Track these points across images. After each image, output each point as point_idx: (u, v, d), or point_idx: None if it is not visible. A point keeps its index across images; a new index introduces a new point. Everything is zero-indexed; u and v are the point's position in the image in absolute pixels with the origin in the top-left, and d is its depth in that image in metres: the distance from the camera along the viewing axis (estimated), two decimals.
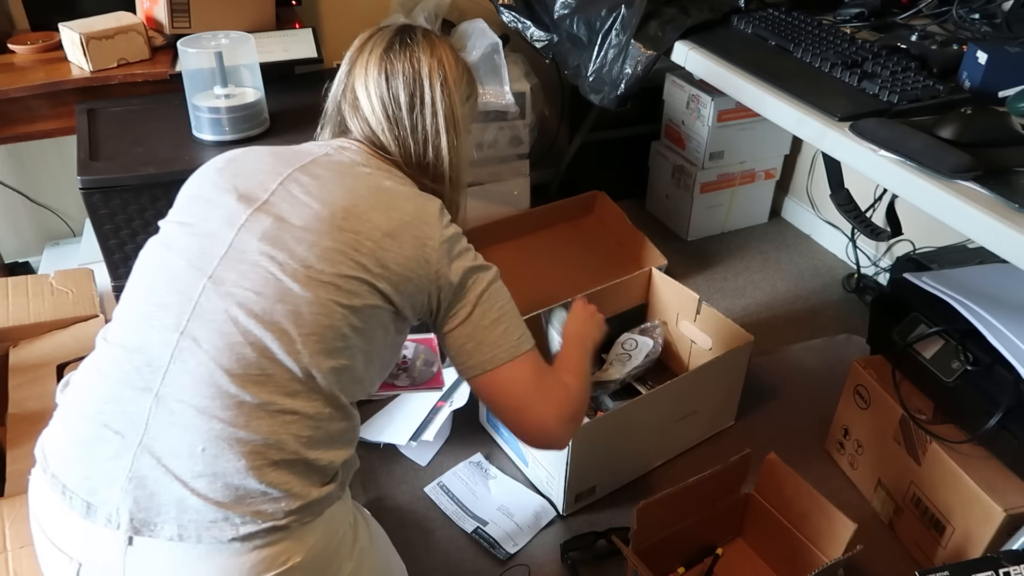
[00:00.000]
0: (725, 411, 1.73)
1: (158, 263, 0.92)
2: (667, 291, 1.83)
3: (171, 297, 0.87)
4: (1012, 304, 1.33)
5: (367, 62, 1.04)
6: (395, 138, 1.03)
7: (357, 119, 1.05)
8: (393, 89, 1.03)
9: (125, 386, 0.84)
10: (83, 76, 1.62)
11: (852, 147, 1.14)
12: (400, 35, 1.06)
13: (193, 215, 0.94)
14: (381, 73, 1.03)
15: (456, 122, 1.06)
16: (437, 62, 1.04)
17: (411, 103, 1.03)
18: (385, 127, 1.03)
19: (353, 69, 1.06)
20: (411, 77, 1.03)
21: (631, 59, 1.60)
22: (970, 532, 1.31)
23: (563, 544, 1.46)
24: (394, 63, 1.03)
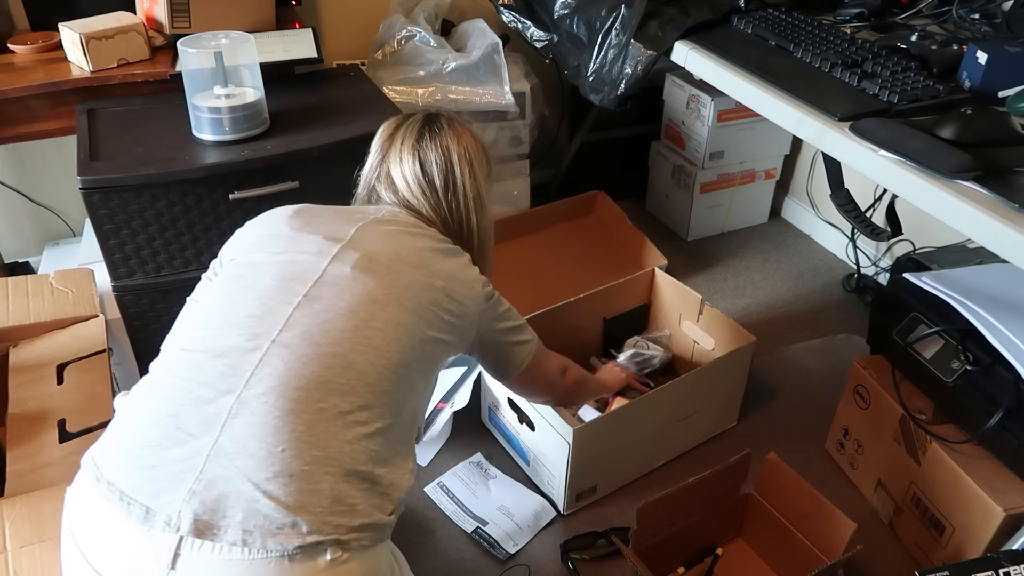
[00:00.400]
0: (727, 412, 1.73)
1: (242, 284, 0.96)
2: (670, 291, 1.83)
3: (262, 310, 0.92)
4: (1012, 304, 1.33)
5: (400, 151, 1.15)
6: (434, 210, 1.14)
7: (396, 197, 1.15)
8: (428, 175, 1.14)
9: (205, 388, 0.85)
10: (83, 76, 1.62)
11: (852, 147, 1.14)
12: (429, 125, 1.17)
13: (276, 248, 1.00)
14: (415, 162, 1.14)
15: (482, 201, 1.18)
16: (464, 150, 1.16)
17: (445, 186, 1.14)
18: (424, 203, 1.14)
19: (387, 157, 1.16)
20: (443, 165, 1.14)
21: (631, 59, 1.60)
22: (970, 532, 1.31)
23: (563, 544, 1.46)
24: (427, 152, 1.14)
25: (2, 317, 1.46)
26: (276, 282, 0.94)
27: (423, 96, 1.90)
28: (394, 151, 1.16)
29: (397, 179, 1.15)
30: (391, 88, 1.88)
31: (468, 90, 1.94)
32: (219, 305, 0.95)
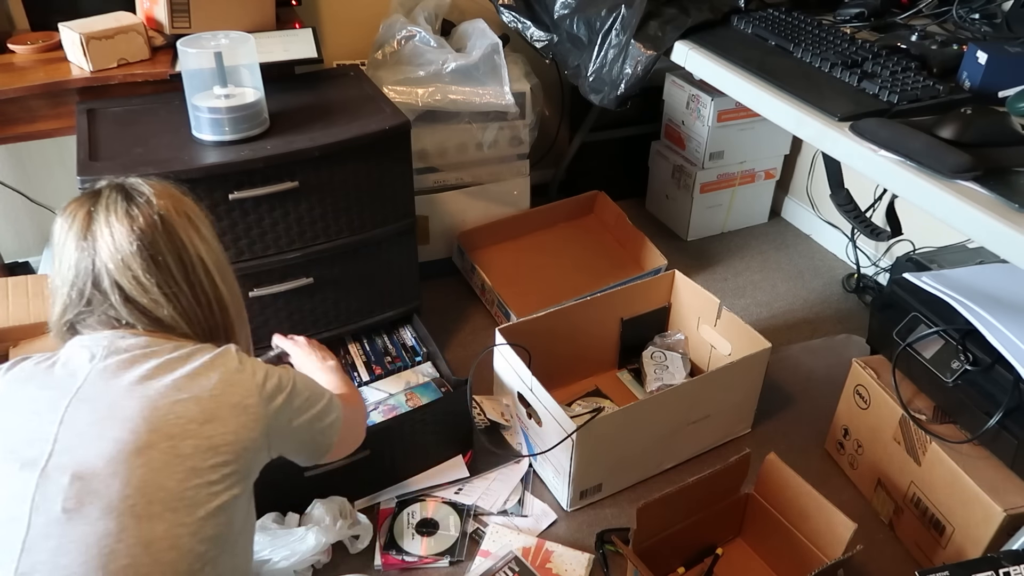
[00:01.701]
0: (741, 417, 1.73)
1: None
2: (689, 294, 1.83)
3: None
4: (1012, 304, 1.33)
5: (113, 242, 0.89)
6: (180, 314, 0.93)
7: (126, 307, 0.90)
8: (160, 262, 0.90)
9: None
10: (83, 76, 1.62)
11: (852, 147, 1.14)
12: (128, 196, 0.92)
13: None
14: (140, 252, 0.89)
15: (222, 264, 0.98)
16: (178, 211, 0.94)
17: (183, 269, 0.93)
18: (164, 304, 0.91)
19: (97, 256, 0.88)
20: (170, 242, 0.91)
21: (631, 59, 1.60)
22: (970, 532, 1.31)
23: (600, 532, 1.47)
24: (145, 232, 0.90)
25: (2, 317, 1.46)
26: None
27: (423, 96, 1.90)
28: (105, 245, 0.88)
29: (123, 282, 0.88)
30: (391, 88, 1.88)
31: (468, 90, 1.94)
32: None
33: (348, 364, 1.80)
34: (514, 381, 1.60)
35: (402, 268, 1.78)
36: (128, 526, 0.77)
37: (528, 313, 1.75)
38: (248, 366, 0.92)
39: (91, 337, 0.90)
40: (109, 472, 0.78)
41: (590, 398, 1.81)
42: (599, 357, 1.87)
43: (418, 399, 1.68)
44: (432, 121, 1.98)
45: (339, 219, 1.62)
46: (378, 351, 1.84)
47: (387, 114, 1.63)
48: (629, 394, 1.83)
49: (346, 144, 1.54)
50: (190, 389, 0.85)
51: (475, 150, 2.09)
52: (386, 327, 1.90)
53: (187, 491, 0.80)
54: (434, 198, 2.11)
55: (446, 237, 2.19)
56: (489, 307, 2.11)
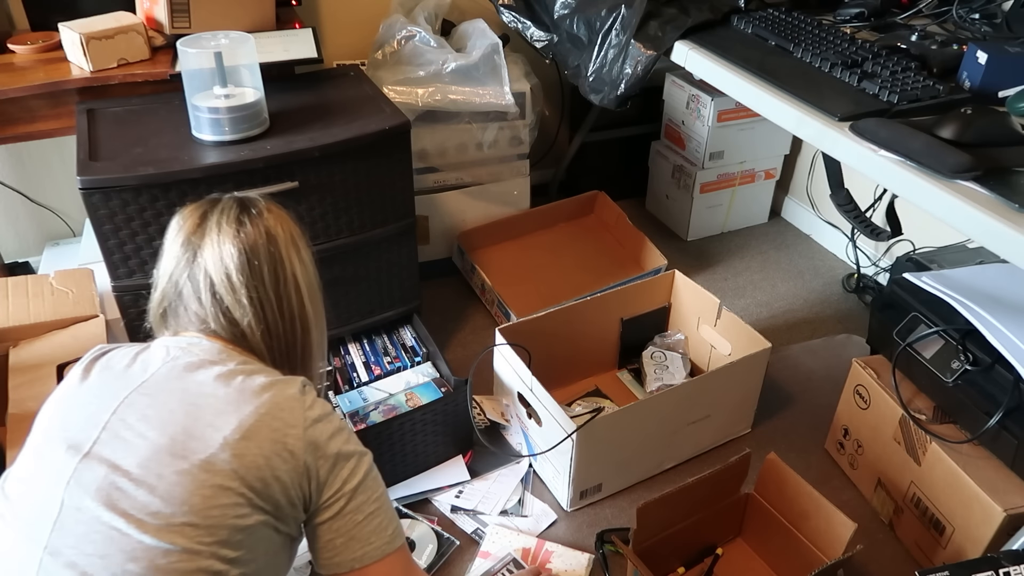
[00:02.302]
0: (741, 417, 1.73)
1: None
2: (689, 294, 1.83)
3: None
4: (1012, 304, 1.33)
5: (218, 241, 0.94)
6: (260, 322, 0.95)
7: (204, 309, 0.94)
8: (256, 267, 0.94)
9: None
10: (83, 76, 1.62)
11: (852, 147, 1.14)
12: (245, 208, 0.98)
13: (25, 471, 0.85)
14: (239, 252, 0.94)
15: (315, 293, 1.02)
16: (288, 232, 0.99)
17: (275, 280, 0.96)
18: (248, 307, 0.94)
19: (200, 252, 0.94)
20: (268, 253, 0.95)
21: (631, 59, 1.60)
22: (970, 532, 1.31)
23: (600, 532, 1.47)
24: (249, 239, 0.95)
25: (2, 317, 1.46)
26: (15, 533, 0.80)
27: (423, 96, 1.90)
28: (210, 242, 0.94)
29: (216, 276, 0.93)
30: (391, 88, 1.88)
31: (468, 90, 1.94)
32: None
33: (348, 364, 1.80)
34: (514, 381, 1.60)
35: (402, 268, 1.78)
36: (148, 535, 0.77)
37: (528, 313, 1.75)
38: (308, 398, 0.89)
39: (175, 338, 0.94)
40: (139, 475, 0.80)
41: (590, 398, 1.81)
42: (599, 357, 1.87)
43: (418, 399, 1.68)
44: (432, 121, 1.98)
45: (339, 219, 1.62)
46: (378, 351, 1.84)
47: (387, 114, 1.63)
48: (629, 394, 1.83)
49: (346, 144, 1.54)
50: (237, 404, 0.85)
51: (475, 150, 2.09)
52: (386, 327, 1.90)
53: (211, 509, 0.80)
54: (434, 198, 2.11)
55: (446, 237, 2.19)
56: (489, 307, 2.11)
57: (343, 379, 1.75)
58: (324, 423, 0.89)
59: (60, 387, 0.93)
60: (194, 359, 0.90)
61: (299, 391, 0.89)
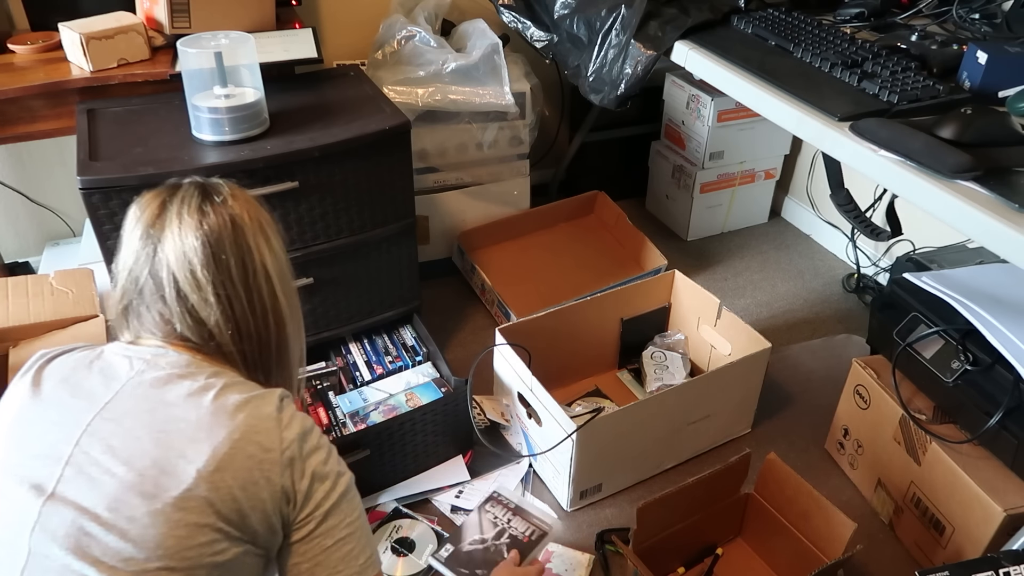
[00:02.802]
0: (741, 417, 1.73)
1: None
2: (688, 294, 1.83)
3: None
4: (1012, 304, 1.33)
5: (179, 233, 0.86)
6: (229, 320, 0.88)
7: (177, 303, 0.87)
8: (221, 260, 0.87)
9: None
10: (83, 76, 1.62)
11: (852, 147, 1.14)
12: (206, 194, 0.90)
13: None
14: (203, 245, 0.86)
15: (288, 282, 0.94)
16: (253, 217, 0.91)
17: (244, 273, 0.88)
18: (215, 307, 0.87)
19: (161, 245, 0.86)
20: (236, 242, 0.88)
21: (631, 59, 1.60)
22: (970, 532, 1.31)
23: (601, 532, 1.47)
24: (213, 228, 0.87)
25: (2, 317, 1.46)
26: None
27: (423, 96, 1.90)
28: (170, 235, 0.86)
29: (179, 273, 0.85)
30: (391, 88, 1.88)
31: (468, 90, 1.94)
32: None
33: (351, 364, 1.80)
34: (514, 381, 1.60)
35: (402, 268, 1.78)
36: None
37: (528, 313, 1.75)
38: (286, 414, 0.84)
39: (136, 346, 0.88)
40: (109, 519, 0.75)
41: (590, 398, 1.81)
42: (599, 357, 1.87)
43: (418, 399, 1.68)
44: (432, 121, 1.98)
45: (339, 219, 1.62)
46: (379, 351, 1.84)
47: (387, 114, 1.63)
48: (629, 394, 1.83)
49: (346, 144, 1.54)
50: (210, 430, 0.79)
51: (475, 150, 2.09)
52: (386, 327, 1.90)
53: (187, 551, 0.75)
54: (434, 198, 2.11)
55: (446, 237, 2.19)
56: (489, 307, 2.11)
57: (346, 378, 1.75)
58: (301, 442, 0.83)
59: (7, 401, 0.86)
60: (161, 373, 0.83)
61: (275, 408, 0.83)
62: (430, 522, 1.50)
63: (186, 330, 0.87)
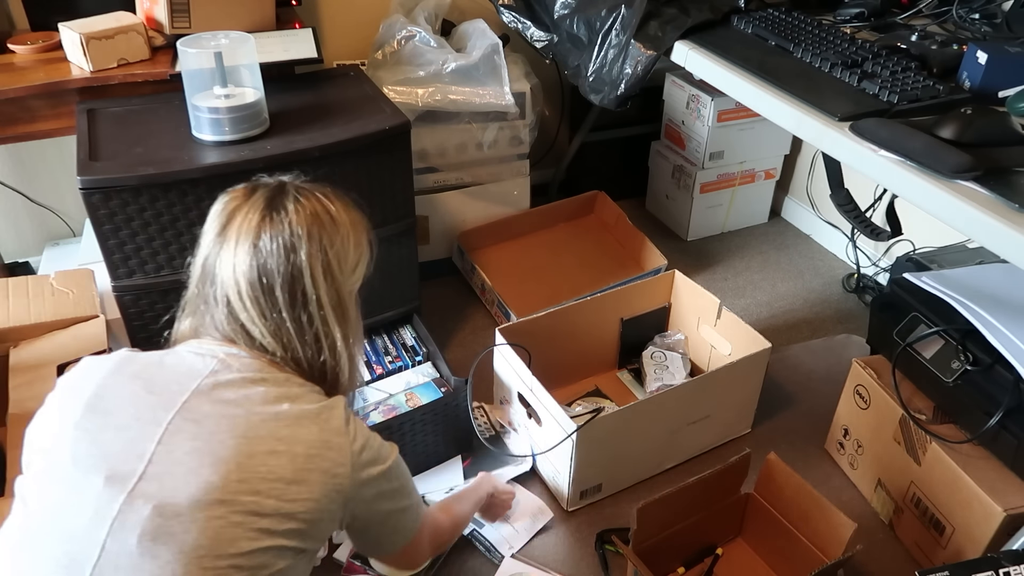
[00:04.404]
0: (741, 418, 1.72)
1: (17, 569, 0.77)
2: (688, 294, 1.83)
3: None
4: (1012, 304, 1.33)
5: (236, 247, 0.87)
6: (279, 343, 0.89)
7: (228, 320, 0.89)
8: (267, 286, 0.87)
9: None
10: (83, 76, 1.62)
11: (852, 147, 1.14)
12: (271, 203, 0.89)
13: (53, 495, 0.78)
14: (253, 269, 0.86)
15: (344, 307, 0.93)
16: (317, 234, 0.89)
17: (292, 302, 0.88)
18: (265, 331, 0.88)
19: (221, 253, 0.88)
20: (285, 266, 0.87)
21: (631, 59, 1.60)
22: (970, 532, 1.31)
23: (600, 532, 1.48)
24: (266, 247, 0.86)
25: (2, 317, 1.46)
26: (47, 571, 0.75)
27: (423, 96, 1.90)
28: (228, 249, 0.87)
29: (231, 292, 0.87)
30: (391, 88, 1.88)
31: (468, 90, 1.94)
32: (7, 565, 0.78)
33: None
34: (514, 381, 1.60)
35: (402, 268, 1.78)
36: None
37: (528, 313, 1.75)
38: (352, 429, 0.88)
39: (207, 345, 0.89)
40: (189, 516, 0.76)
41: (590, 398, 1.81)
42: (599, 357, 1.87)
43: (418, 399, 1.68)
44: (432, 121, 1.98)
45: None
46: (379, 351, 1.84)
47: (387, 114, 1.63)
48: (629, 394, 1.83)
49: (346, 144, 1.54)
50: (288, 441, 0.82)
51: (475, 150, 2.09)
52: (386, 327, 1.90)
53: (256, 552, 0.78)
54: (434, 198, 2.11)
55: (446, 237, 2.19)
56: (489, 307, 2.11)
57: None
58: (367, 453, 0.90)
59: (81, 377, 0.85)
60: (233, 376, 0.85)
61: (344, 422, 0.88)
62: None
63: (242, 341, 0.89)
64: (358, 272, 0.98)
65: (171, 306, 0.96)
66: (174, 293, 1.52)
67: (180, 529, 0.76)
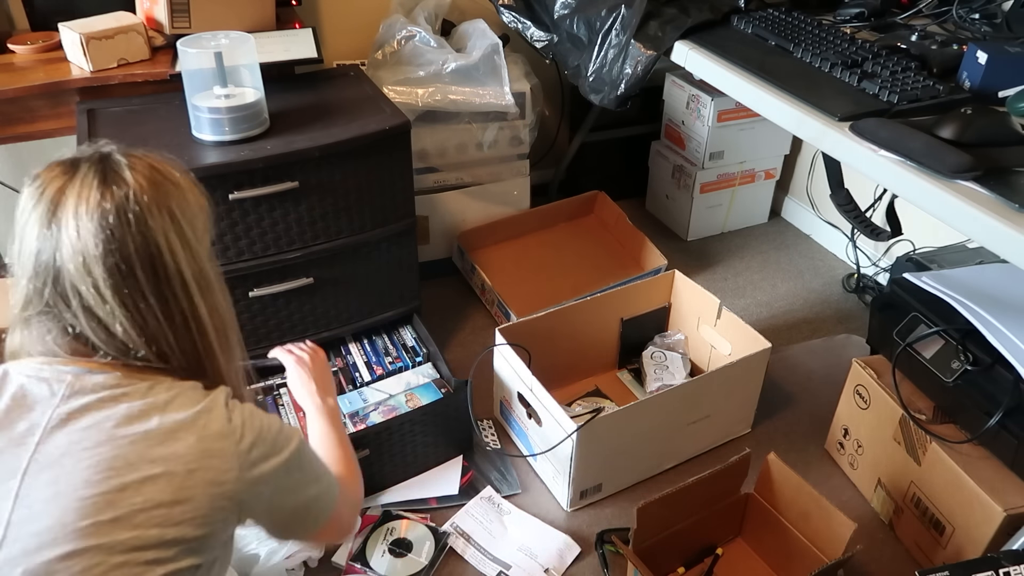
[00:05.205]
0: (741, 418, 1.73)
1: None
2: (688, 294, 1.84)
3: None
4: (1012, 304, 1.33)
5: (77, 228, 0.74)
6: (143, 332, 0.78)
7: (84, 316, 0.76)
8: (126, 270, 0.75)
9: None
10: (83, 76, 1.62)
11: (852, 147, 1.14)
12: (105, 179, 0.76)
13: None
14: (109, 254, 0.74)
15: (206, 276, 0.82)
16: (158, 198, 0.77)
17: (155, 279, 0.77)
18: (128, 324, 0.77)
19: (61, 244, 0.74)
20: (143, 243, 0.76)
21: (631, 59, 1.60)
22: (970, 532, 1.31)
23: (601, 532, 1.47)
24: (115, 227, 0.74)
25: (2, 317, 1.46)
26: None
27: (423, 96, 1.90)
28: (67, 235, 0.74)
29: (81, 285, 0.75)
30: (391, 88, 1.88)
31: (468, 90, 1.94)
32: None
33: (350, 364, 1.80)
34: (514, 381, 1.60)
35: (402, 268, 1.78)
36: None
37: (528, 313, 1.75)
38: (236, 426, 0.79)
39: (50, 367, 0.77)
40: (65, 573, 0.68)
41: (590, 398, 1.81)
42: (599, 357, 1.87)
43: (418, 400, 1.68)
44: (432, 121, 1.98)
45: (339, 219, 1.62)
46: (379, 351, 1.84)
47: (387, 114, 1.63)
48: (629, 394, 1.83)
49: (346, 144, 1.54)
50: (163, 461, 0.73)
51: (475, 150, 2.09)
52: (386, 327, 1.90)
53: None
54: (434, 198, 2.11)
55: (446, 237, 2.19)
56: (489, 307, 2.11)
57: (346, 379, 1.75)
58: (258, 449, 0.80)
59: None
60: (89, 399, 0.74)
61: (226, 419, 0.78)
62: (423, 520, 1.50)
63: (100, 344, 0.77)
64: (207, 234, 0.85)
65: None
66: None
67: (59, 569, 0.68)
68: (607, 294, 1.79)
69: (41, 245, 0.75)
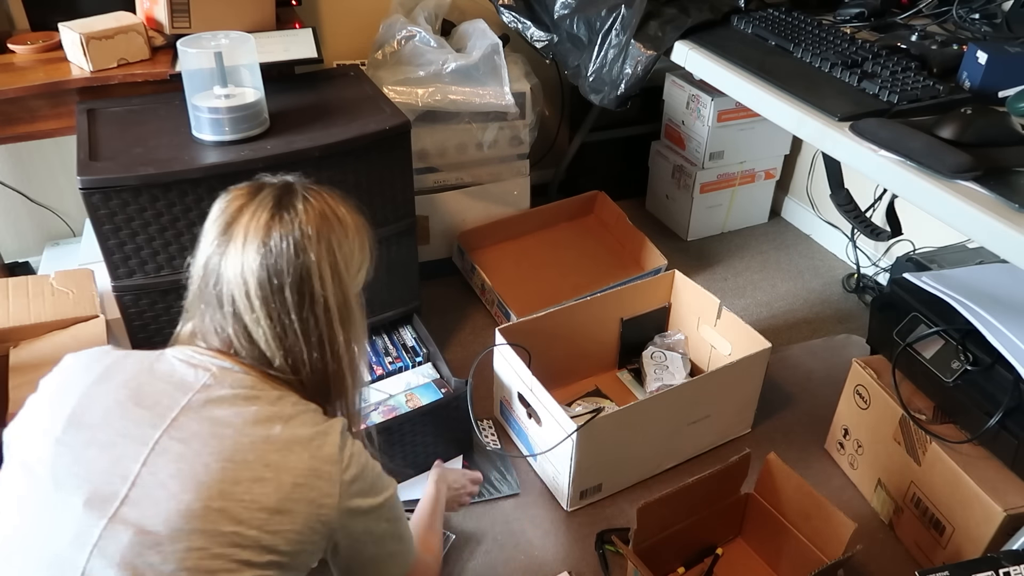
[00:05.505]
0: (741, 418, 1.73)
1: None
2: (688, 294, 1.84)
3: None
4: (1012, 304, 1.33)
5: (243, 249, 0.84)
6: (281, 346, 0.86)
7: (232, 321, 0.85)
8: (277, 286, 0.84)
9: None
10: (83, 76, 1.62)
11: (852, 147, 1.14)
12: (280, 203, 0.86)
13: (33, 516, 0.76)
14: (263, 268, 0.83)
15: (350, 310, 0.91)
16: (327, 235, 0.87)
17: (300, 302, 0.85)
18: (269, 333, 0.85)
19: (226, 257, 0.84)
20: (297, 267, 0.84)
21: (631, 59, 1.60)
22: (970, 532, 1.31)
23: (600, 532, 1.47)
24: (276, 247, 0.84)
25: (2, 317, 1.46)
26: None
27: (423, 96, 1.90)
28: (234, 248, 0.84)
29: (236, 291, 0.84)
30: (391, 88, 1.88)
31: (468, 90, 1.94)
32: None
33: None
34: (514, 381, 1.60)
35: (402, 268, 1.78)
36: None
37: (528, 313, 1.75)
38: (346, 456, 0.84)
39: (201, 355, 0.85)
40: (169, 547, 0.74)
41: (590, 398, 1.81)
42: (599, 357, 1.87)
43: (418, 400, 1.68)
44: (432, 121, 1.98)
45: None
46: (379, 351, 1.84)
47: (387, 114, 1.63)
48: (629, 394, 1.83)
49: (346, 144, 1.54)
50: (276, 468, 0.79)
51: (475, 150, 2.09)
52: (386, 327, 1.90)
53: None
54: (434, 198, 2.11)
55: (446, 237, 2.19)
56: (489, 307, 2.11)
57: None
58: (359, 484, 0.85)
59: (64, 384, 0.83)
60: (226, 392, 0.82)
61: (338, 447, 0.84)
62: None
63: (241, 348, 0.86)
64: (362, 275, 0.96)
65: (171, 306, 0.94)
66: (174, 293, 1.53)
67: (159, 560, 0.73)
68: (607, 294, 1.79)
69: (212, 251, 0.85)
